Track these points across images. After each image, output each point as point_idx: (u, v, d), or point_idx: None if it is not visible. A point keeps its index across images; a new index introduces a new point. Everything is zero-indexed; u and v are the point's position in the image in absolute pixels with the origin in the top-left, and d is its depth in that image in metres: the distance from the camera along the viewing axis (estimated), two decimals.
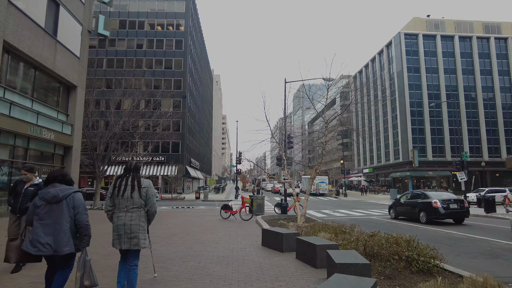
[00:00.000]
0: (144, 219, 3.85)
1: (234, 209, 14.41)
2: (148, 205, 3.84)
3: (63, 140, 15.60)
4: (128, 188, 3.77)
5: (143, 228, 3.82)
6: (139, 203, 3.78)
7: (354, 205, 27.78)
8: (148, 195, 3.83)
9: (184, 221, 12.87)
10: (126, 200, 3.75)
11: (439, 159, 49.21)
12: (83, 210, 3.40)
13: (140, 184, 3.82)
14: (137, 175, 3.89)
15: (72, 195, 3.36)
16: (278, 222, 13.65)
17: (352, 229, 8.78)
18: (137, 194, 3.76)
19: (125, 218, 3.72)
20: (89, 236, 3.41)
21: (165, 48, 47.54)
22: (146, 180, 3.96)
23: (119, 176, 3.95)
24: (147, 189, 3.84)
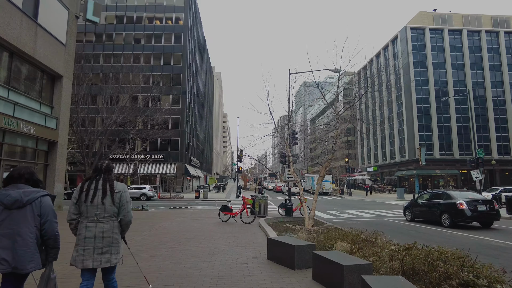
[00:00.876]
0: (117, 230, 3.28)
1: (234, 211, 13.00)
2: (122, 214, 3.29)
3: (47, 134, 14.20)
4: (98, 193, 3.20)
5: (117, 241, 3.25)
6: (111, 211, 3.23)
7: (361, 205, 26.34)
8: (122, 201, 3.28)
9: (178, 225, 11.45)
10: (96, 208, 3.18)
11: (446, 157, 47.67)
12: (52, 218, 2.86)
13: (113, 188, 3.25)
14: (110, 177, 3.34)
15: (39, 200, 2.82)
16: (284, 225, 12.23)
17: (375, 236, 7.33)
18: (110, 200, 3.21)
19: (96, 229, 3.16)
20: (57, 248, 2.93)
21: (164, 42, 46.09)
22: (120, 184, 3.39)
23: (87, 178, 3.36)
24: (121, 194, 3.29)
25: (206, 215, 15.78)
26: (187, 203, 28.68)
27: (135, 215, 15.39)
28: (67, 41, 15.43)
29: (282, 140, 18.30)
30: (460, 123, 48.35)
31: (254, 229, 10.58)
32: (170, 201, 31.88)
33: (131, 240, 8.08)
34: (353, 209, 21.87)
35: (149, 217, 14.33)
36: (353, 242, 7.09)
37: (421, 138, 47.74)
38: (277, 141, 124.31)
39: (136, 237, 8.62)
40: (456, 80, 49.36)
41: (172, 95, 44.49)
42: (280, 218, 13.80)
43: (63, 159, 15.39)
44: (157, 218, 14.10)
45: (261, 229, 10.60)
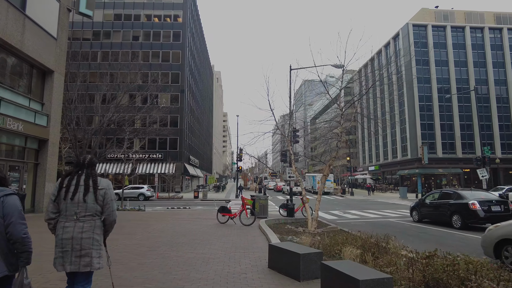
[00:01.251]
0: (99, 230, 3.00)
1: (233, 212, 12.36)
2: (106, 213, 3.03)
3: (37, 132, 13.55)
4: (80, 189, 2.95)
5: (98, 243, 2.97)
6: (93, 210, 2.96)
7: (364, 204, 25.70)
8: (106, 199, 3.02)
9: (173, 227, 10.80)
10: (77, 205, 2.93)
11: (449, 155, 47.01)
12: (17, 219, 2.59)
13: (97, 185, 2.99)
14: (93, 173, 3.07)
15: (1, 200, 2.59)
16: (285, 227, 11.58)
17: (386, 241, 6.67)
18: (92, 197, 2.96)
19: (74, 229, 2.89)
20: (28, 252, 2.64)
21: (162, 40, 45.42)
22: (104, 180, 3.13)
23: (67, 173, 3.09)
24: (105, 191, 3.03)
25: (204, 216, 15.14)
26: (185, 203, 28.05)
27: (130, 216, 14.77)
28: (58, 34, 14.77)
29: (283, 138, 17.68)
30: (463, 121, 47.67)
31: (254, 232, 9.93)
32: (168, 201, 31.24)
33: (120, 244, 7.44)
34: (356, 209, 21.24)
35: (144, 218, 13.69)
36: (363, 248, 6.44)
37: (424, 136, 47.08)
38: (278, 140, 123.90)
39: (127, 241, 7.98)
40: (459, 78, 48.66)
41: (171, 93, 43.81)
42: (282, 219, 13.16)
43: (55, 157, 14.74)
44: (152, 219, 13.46)
45: (261, 231, 9.95)
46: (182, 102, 44.03)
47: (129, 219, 13.49)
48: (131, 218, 13.71)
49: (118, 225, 11.67)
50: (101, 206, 2.99)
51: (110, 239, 8.09)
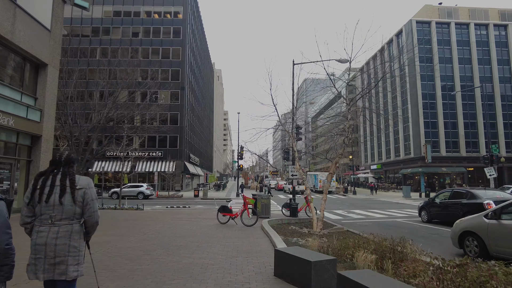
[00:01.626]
0: (78, 235, 2.71)
1: (234, 211, 11.78)
2: (87, 214, 2.75)
3: (29, 128, 12.97)
4: (55, 190, 2.67)
5: (76, 249, 2.67)
6: (71, 213, 2.66)
7: (368, 204, 25.11)
8: (86, 199, 2.74)
9: (170, 228, 10.23)
10: (52, 208, 2.63)
11: (453, 154, 46.37)
12: (1, 228, 2.26)
13: (74, 184, 2.71)
14: (70, 171, 2.79)
15: None
16: (289, 228, 11.01)
17: (403, 244, 6.06)
18: (70, 198, 2.66)
19: (49, 234, 2.60)
20: (10, 265, 2.33)
21: (162, 36, 44.78)
22: (84, 178, 2.82)
23: (42, 172, 2.83)
24: (84, 191, 2.74)
25: (203, 215, 14.57)
26: (185, 202, 27.49)
27: (127, 215, 14.20)
28: (52, 26, 14.16)
29: (284, 135, 17.09)
30: (467, 120, 47.00)
31: (256, 233, 9.34)
32: (168, 200, 30.70)
33: (111, 247, 6.86)
34: (360, 209, 20.66)
35: (141, 218, 13.13)
36: (377, 252, 5.85)
37: (427, 134, 46.43)
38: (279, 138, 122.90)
39: (120, 243, 7.40)
40: (463, 75, 47.96)
41: (171, 91, 43.19)
42: (285, 220, 12.58)
43: (49, 154, 14.16)
44: (150, 219, 12.89)
45: (264, 233, 9.37)
46: (182, 100, 43.42)
47: (126, 218, 12.93)
48: (128, 218, 13.15)
49: (113, 225, 11.12)
50: (81, 207, 2.73)
51: (102, 242, 7.53)
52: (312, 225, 10.69)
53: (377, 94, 53.75)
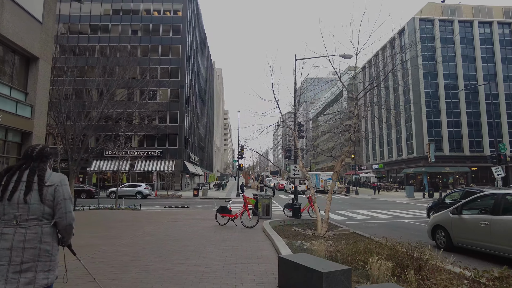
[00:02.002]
0: (49, 238, 2.36)
1: (234, 212, 11.18)
2: (57, 215, 2.39)
3: (19, 124, 12.35)
4: (21, 187, 2.34)
5: (47, 254, 2.32)
6: (39, 212, 2.33)
7: (371, 204, 24.50)
8: (57, 198, 2.38)
9: (166, 229, 9.62)
10: (16, 207, 2.32)
11: (456, 153, 45.70)
12: None
13: (43, 181, 2.37)
14: (40, 166, 2.43)
15: None
16: (292, 229, 10.40)
17: (421, 250, 5.43)
18: (37, 196, 2.33)
19: (14, 237, 2.28)
20: None
21: (162, 34, 44.17)
22: (56, 175, 2.45)
23: (9, 167, 2.52)
24: (55, 188, 2.38)
25: (202, 216, 13.96)
26: (184, 202, 26.90)
27: (123, 216, 13.60)
28: (44, 18, 13.53)
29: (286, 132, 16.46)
30: (470, 119, 46.33)
31: (257, 236, 8.73)
32: (167, 199, 30.13)
33: (98, 252, 6.25)
34: (364, 209, 20.05)
35: (136, 219, 12.53)
36: (392, 259, 5.24)
37: (430, 134, 45.76)
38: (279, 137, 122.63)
39: (108, 247, 6.79)
40: (466, 74, 47.28)
41: (170, 89, 42.60)
42: (287, 221, 11.97)
43: None
44: (145, 220, 12.29)
45: (266, 235, 8.76)
46: (182, 98, 42.82)
47: (120, 219, 12.33)
48: (123, 219, 12.55)
49: (105, 226, 10.49)
50: (50, 207, 2.40)
51: (89, 245, 6.92)
52: (317, 226, 10.09)
53: (379, 93, 53.13)
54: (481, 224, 6.87)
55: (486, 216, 6.90)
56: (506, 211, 6.61)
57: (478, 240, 6.95)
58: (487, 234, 6.71)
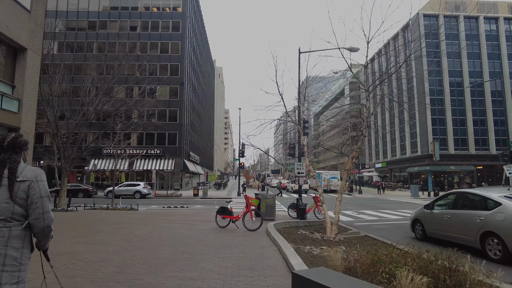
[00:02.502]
0: (19, 242, 2.08)
1: (235, 213, 10.35)
2: (32, 216, 2.11)
3: (5, 119, 11.53)
4: None
5: (15, 262, 2.02)
6: (8, 212, 2.06)
7: (377, 203, 23.66)
8: (31, 197, 2.11)
9: (161, 233, 8.80)
10: None
11: (461, 152, 44.81)
12: None
13: (15, 175, 2.09)
14: (12, 158, 2.14)
15: None
16: (298, 232, 9.57)
17: (457, 262, 4.58)
18: (5, 193, 2.06)
19: None
20: None
21: (161, 30, 43.32)
22: (32, 169, 2.19)
23: None
24: (29, 185, 2.12)
25: (201, 217, 13.13)
26: (184, 201, 26.09)
27: (116, 217, 12.78)
28: (32, 7, 12.71)
29: (288, 128, 15.62)
30: (476, 116, 45.40)
31: (261, 240, 7.90)
32: (166, 199, 29.34)
33: (80, 261, 5.41)
34: (370, 209, 19.20)
35: (131, 220, 11.71)
36: (424, 271, 4.41)
37: (435, 132, 44.87)
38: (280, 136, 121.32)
39: (92, 255, 5.96)
40: (472, 71, 46.35)
41: (169, 86, 41.77)
42: (292, 222, 11.13)
43: (29, 149, 12.72)
44: (140, 221, 11.47)
45: (271, 240, 7.92)
46: (182, 96, 41.98)
47: (113, 221, 11.50)
48: (117, 220, 11.73)
49: (95, 229, 9.61)
50: (22, 206, 2.09)
51: (71, 252, 5.98)
52: (326, 229, 9.26)
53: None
54: (444, 217, 8.10)
55: (448, 211, 8.15)
56: (463, 207, 7.80)
57: (443, 231, 8.15)
58: (448, 225, 7.93)
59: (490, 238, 6.81)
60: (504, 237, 6.44)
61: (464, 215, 7.53)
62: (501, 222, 6.61)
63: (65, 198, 15.18)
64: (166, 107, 41.33)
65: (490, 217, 6.85)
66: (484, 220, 6.95)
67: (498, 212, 6.74)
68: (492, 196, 7.18)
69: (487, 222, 6.89)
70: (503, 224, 6.54)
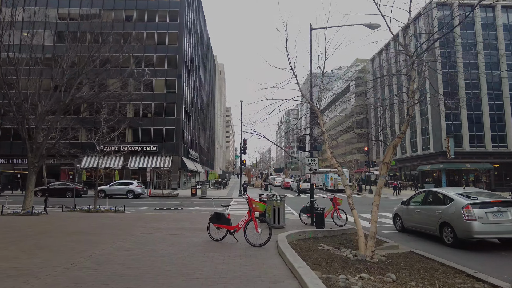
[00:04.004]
0: None
1: (234, 218, 7.84)
2: None
3: None
4: None
5: None
6: None
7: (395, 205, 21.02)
8: None
9: (130, 250, 6.30)
10: None
11: (477, 149, 42.07)
12: None
13: None
14: None
15: None
16: (319, 248, 7.03)
17: None
18: None
19: None
20: None
21: (158, 19, 40.76)
22: None
23: None
24: None
25: (193, 223, 10.63)
26: (180, 202, 23.62)
27: (88, 223, 10.15)
28: None
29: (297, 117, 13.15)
30: (493, 111, 42.63)
31: (271, 265, 5.37)
32: (161, 199, 26.88)
33: None
34: (389, 211, 16.57)
35: (101, 229, 9.22)
36: None
37: (448, 128, 42.10)
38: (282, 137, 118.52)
39: None
40: (488, 63, 43.53)
41: (166, 79, 39.26)
42: (308, 232, 8.59)
43: None
44: (112, 230, 8.98)
45: (285, 264, 5.38)
46: (180, 89, 39.45)
47: (76, 229, 9.00)
48: (80, 229, 9.23)
49: (41, 244, 5.30)
50: None
51: None
52: (357, 244, 6.75)
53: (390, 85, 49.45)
54: (416, 211, 9.51)
55: (419, 206, 9.52)
56: (430, 203, 9.22)
57: (416, 223, 9.51)
58: (418, 218, 9.35)
59: (446, 227, 8.24)
60: (454, 226, 7.87)
61: (429, 210, 8.99)
62: (452, 214, 8.01)
63: (31, 199, 12.73)
64: (163, 101, 38.85)
65: (446, 210, 8.27)
66: (442, 213, 8.40)
67: (451, 206, 8.12)
68: (448, 194, 8.57)
69: (444, 214, 8.33)
70: (454, 216, 7.93)
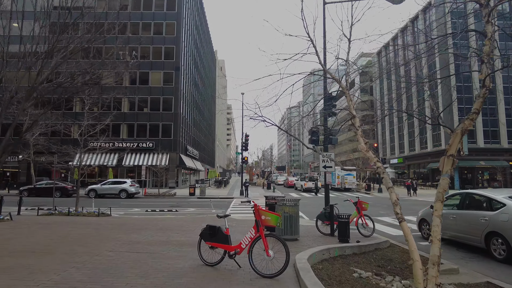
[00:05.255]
0: None
1: (235, 233, 5.72)
2: None
3: None
4: None
5: None
6: None
7: (413, 206, 18.93)
8: None
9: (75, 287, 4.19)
10: None
11: (492, 146, 39.83)
12: None
13: None
14: None
15: None
16: (353, 275, 4.90)
17: None
18: None
19: None
20: None
21: (154, 9, 38.57)
22: None
23: None
24: None
25: (184, 233, 8.53)
26: (176, 202, 21.54)
27: (50, 234, 7.89)
28: None
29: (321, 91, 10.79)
30: (509, 106, 40.34)
31: None
32: (157, 199, 24.85)
33: None
34: (410, 214, 14.41)
35: (62, 242, 7.14)
36: None
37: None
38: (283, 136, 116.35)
39: None
40: (503, 53, 41.10)
41: (163, 71, 37.12)
42: (334, 250, 6.46)
43: None
44: (75, 245, 6.89)
45: None
46: (178, 82, 37.30)
47: (24, 245, 6.92)
48: (36, 242, 7.15)
49: None
50: None
51: None
52: (413, 271, 4.64)
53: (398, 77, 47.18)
54: (450, 217, 8.27)
55: (454, 211, 8.36)
56: (469, 207, 8.04)
57: (449, 231, 8.26)
58: (454, 225, 8.13)
59: (494, 238, 6.92)
60: (509, 238, 6.52)
61: (469, 216, 7.73)
62: (505, 223, 6.69)
63: None
64: (160, 94, 36.74)
65: (494, 217, 6.95)
66: (489, 220, 7.07)
67: (503, 213, 6.82)
68: (497, 197, 7.26)
69: (491, 222, 7.00)
70: (507, 224, 6.61)
